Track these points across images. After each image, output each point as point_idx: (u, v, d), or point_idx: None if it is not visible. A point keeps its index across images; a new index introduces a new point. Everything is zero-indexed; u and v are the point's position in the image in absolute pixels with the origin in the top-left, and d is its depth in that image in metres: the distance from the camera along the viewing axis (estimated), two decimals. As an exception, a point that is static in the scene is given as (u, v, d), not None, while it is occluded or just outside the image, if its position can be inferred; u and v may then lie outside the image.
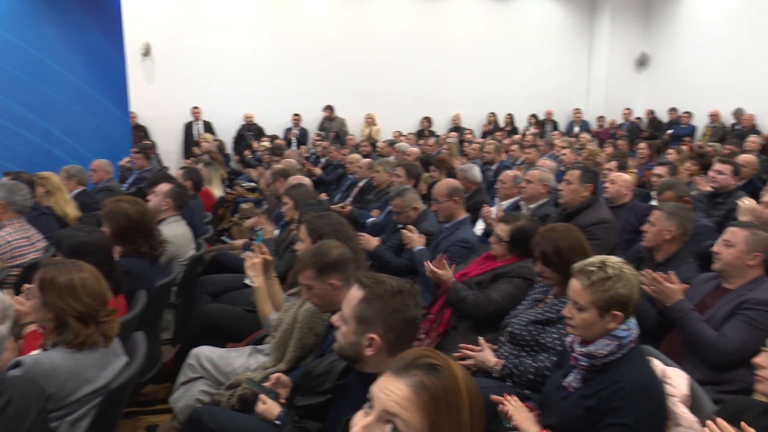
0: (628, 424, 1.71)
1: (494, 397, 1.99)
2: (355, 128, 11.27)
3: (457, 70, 11.82)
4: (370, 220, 4.97)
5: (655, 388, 1.81)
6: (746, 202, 3.65)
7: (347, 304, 1.67)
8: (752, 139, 7.58)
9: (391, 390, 1.04)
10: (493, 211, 4.38)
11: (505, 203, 4.73)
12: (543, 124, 12.06)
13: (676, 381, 1.89)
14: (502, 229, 3.01)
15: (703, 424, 1.68)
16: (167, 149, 10.23)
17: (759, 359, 1.76)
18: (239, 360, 2.67)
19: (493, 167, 6.80)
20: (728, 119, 10.09)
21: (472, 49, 11.94)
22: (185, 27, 10.31)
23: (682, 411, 1.80)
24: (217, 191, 6.19)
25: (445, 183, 3.84)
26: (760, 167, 6.06)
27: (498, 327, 2.70)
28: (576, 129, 11.64)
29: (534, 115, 12.01)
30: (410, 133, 10.40)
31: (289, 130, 11.02)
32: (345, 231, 2.83)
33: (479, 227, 4.62)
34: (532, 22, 12.30)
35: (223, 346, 2.89)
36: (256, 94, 10.72)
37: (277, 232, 4.37)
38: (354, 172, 6.59)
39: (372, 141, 10.29)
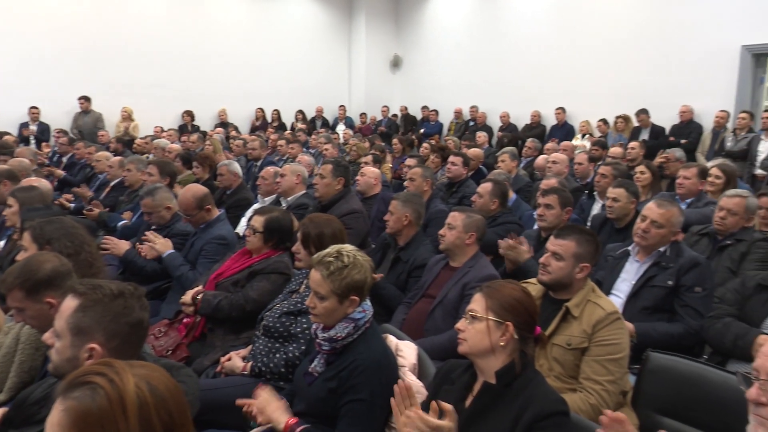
0: (363, 398, 1.85)
1: (239, 401, 2.00)
2: (112, 124, 10.22)
3: (222, 63, 11.48)
4: (121, 222, 4.57)
5: (388, 361, 1.99)
6: None
7: (60, 316, 1.50)
8: (479, 135, 8.78)
9: (52, 414, 0.97)
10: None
11: (268, 199, 4.75)
12: (313, 121, 12.39)
13: (407, 353, 2.10)
14: (256, 221, 3.02)
15: (427, 388, 1.91)
16: None
17: (460, 325, 2.03)
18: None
19: (258, 164, 6.78)
20: (468, 115, 11.49)
21: (237, 42, 11.69)
22: None
23: (411, 378, 2.01)
24: None
25: (190, 194, 3.55)
26: (492, 159, 7.03)
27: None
28: (340, 125, 12.19)
29: (301, 111, 12.26)
30: (171, 129, 9.80)
31: (25, 125, 9.54)
32: (79, 236, 2.55)
33: (242, 224, 4.58)
34: (294, 19, 12.51)
35: None
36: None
37: (2, 243, 3.76)
38: (103, 172, 5.99)
39: (128, 137, 9.46)
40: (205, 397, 2.23)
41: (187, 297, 2.90)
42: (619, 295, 2.91)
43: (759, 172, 6.54)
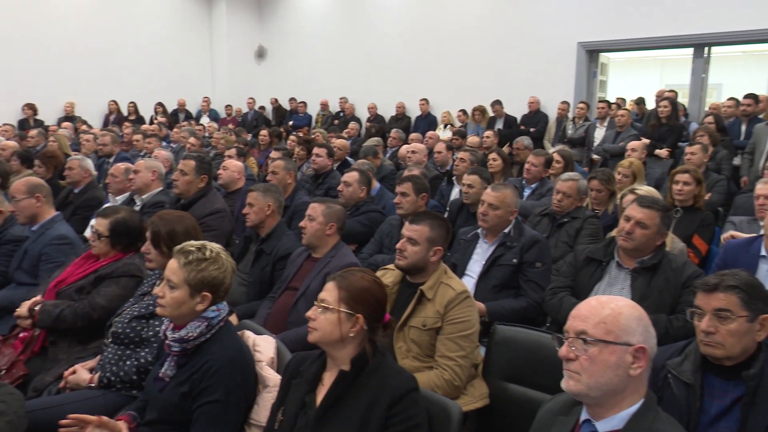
0: (218, 399, 1.80)
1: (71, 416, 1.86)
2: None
3: (67, 53, 10.48)
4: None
5: (243, 359, 1.95)
6: None
7: None
8: (351, 125, 8.86)
9: None
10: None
11: (120, 198, 4.43)
12: (175, 114, 11.75)
13: (264, 347, 2.08)
14: (100, 224, 2.80)
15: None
16: None
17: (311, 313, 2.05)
18: None
19: (111, 160, 6.30)
20: (337, 107, 11.54)
21: (82, 30, 10.72)
22: None
23: (269, 373, 2.00)
24: None
25: (25, 180, 3.34)
26: (357, 147, 7.12)
27: (107, 331, 2.53)
28: (204, 117, 11.69)
29: (161, 104, 11.58)
30: (7, 124, 8.79)
31: None
32: None
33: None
34: (147, 7, 11.73)
35: None
36: None
37: None
38: None
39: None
40: (46, 417, 2.07)
41: (23, 309, 2.64)
42: (471, 275, 3.10)
43: (595, 156, 7.26)
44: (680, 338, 1.99)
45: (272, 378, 1.97)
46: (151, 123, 10.49)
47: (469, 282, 3.05)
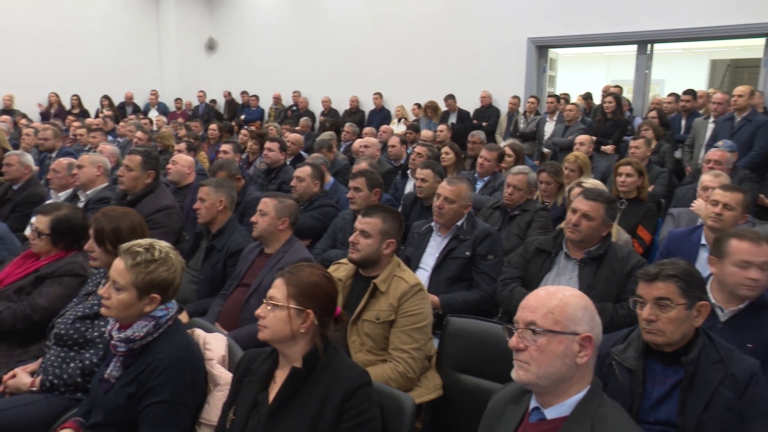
0: (165, 399, 1.75)
1: None
2: None
3: (7, 42, 9.98)
4: None
5: (192, 357, 1.90)
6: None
7: None
8: (303, 120, 8.78)
9: None
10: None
11: (62, 194, 4.27)
12: (122, 107, 11.36)
13: (215, 345, 2.04)
14: (40, 221, 2.69)
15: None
16: None
17: (260, 311, 2.03)
18: None
19: (53, 155, 6.05)
20: (290, 101, 11.39)
21: (24, 18, 10.23)
22: None
23: (220, 371, 1.96)
24: None
25: None
26: (311, 143, 7.06)
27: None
28: (153, 111, 11.35)
29: (107, 96, 11.17)
30: (-62, 119, 8.33)
31: None
32: None
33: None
34: (92, -2, 11.30)
35: None
36: None
37: None
38: None
39: None
40: (-17, 423, 1.97)
41: None
42: (425, 269, 3.12)
43: (545, 150, 7.42)
44: (626, 326, 2.06)
45: (223, 376, 1.93)
46: (97, 116, 10.12)
47: (423, 275, 3.07)
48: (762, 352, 2.08)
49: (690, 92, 6.85)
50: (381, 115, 9.93)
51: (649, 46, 8.38)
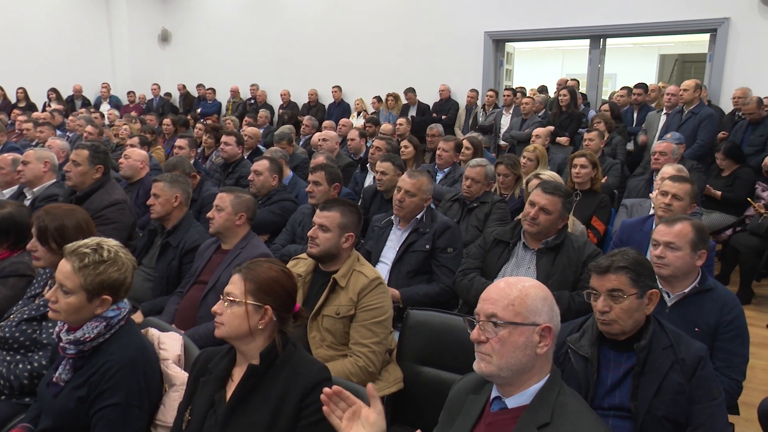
0: (117, 402, 1.70)
1: None
2: None
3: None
4: None
5: (146, 358, 1.84)
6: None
7: None
8: (261, 113, 8.64)
9: None
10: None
11: (7, 191, 4.09)
12: (72, 100, 10.94)
13: (170, 344, 1.99)
14: (-18, 222, 2.57)
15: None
16: None
17: (217, 308, 1.99)
18: None
19: (-3, 150, 5.78)
20: (247, 94, 11.19)
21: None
22: None
23: (175, 371, 1.91)
24: None
25: None
26: (271, 138, 6.96)
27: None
28: (104, 104, 10.99)
29: (54, 89, 10.74)
30: None
31: None
32: None
33: None
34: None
35: None
36: None
37: None
38: None
39: None
40: None
41: None
42: (386, 262, 3.12)
43: (503, 143, 7.52)
44: (582, 313, 2.11)
45: (179, 376, 1.89)
46: (44, 110, 9.73)
47: (384, 269, 3.07)
48: (708, 335, 2.16)
49: (642, 86, 7.05)
50: (340, 109, 9.87)
51: (601, 40, 8.58)
